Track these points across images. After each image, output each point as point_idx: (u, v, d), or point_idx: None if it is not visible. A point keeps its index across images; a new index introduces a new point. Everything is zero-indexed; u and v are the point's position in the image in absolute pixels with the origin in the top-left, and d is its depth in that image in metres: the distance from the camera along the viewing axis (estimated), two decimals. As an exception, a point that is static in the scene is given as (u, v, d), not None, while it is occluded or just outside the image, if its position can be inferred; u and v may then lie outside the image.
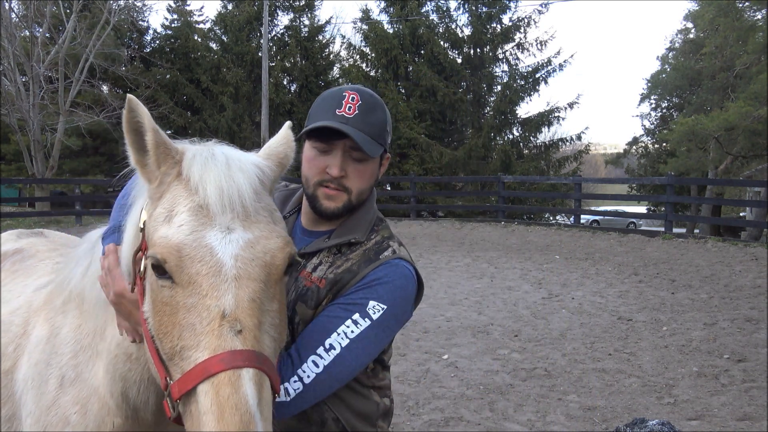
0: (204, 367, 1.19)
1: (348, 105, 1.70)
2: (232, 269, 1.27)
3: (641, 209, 36.10)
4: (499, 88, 27.87)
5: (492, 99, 27.94)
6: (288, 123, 1.66)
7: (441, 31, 27.60)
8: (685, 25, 33.75)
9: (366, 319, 1.64)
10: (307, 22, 30.54)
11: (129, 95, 1.37)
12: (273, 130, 28.99)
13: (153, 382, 1.55)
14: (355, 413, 1.78)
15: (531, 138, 28.04)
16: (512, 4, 27.20)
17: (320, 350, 1.59)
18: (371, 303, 1.65)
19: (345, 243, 1.76)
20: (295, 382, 1.56)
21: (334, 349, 1.59)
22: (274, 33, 29.90)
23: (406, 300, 1.74)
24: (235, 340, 1.21)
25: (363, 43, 28.06)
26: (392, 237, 1.83)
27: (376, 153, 1.70)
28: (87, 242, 1.79)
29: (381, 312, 1.65)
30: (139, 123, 1.39)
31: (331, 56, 31.51)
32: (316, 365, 1.57)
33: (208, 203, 1.33)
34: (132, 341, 1.51)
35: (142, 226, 1.42)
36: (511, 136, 28.04)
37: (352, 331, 1.62)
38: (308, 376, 1.57)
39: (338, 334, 1.61)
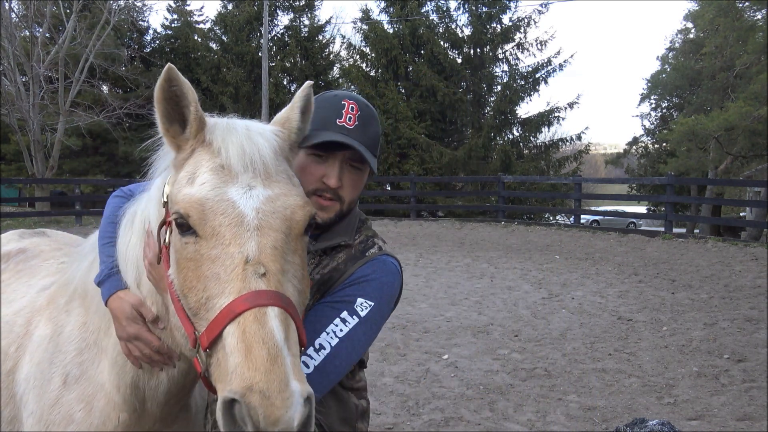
0: (229, 309, 1.20)
1: (348, 116, 1.71)
2: (254, 220, 1.31)
3: (641, 209, 36.12)
4: (499, 88, 27.87)
5: (492, 99, 27.94)
6: (307, 83, 1.66)
7: (441, 31, 27.60)
8: (685, 25, 33.79)
9: (354, 317, 1.64)
10: (307, 22, 30.55)
11: (170, 64, 1.39)
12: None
13: (166, 369, 1.57)
14: (335, 416, 1.77)
15: (531, 138, 28.04)
16: (512, 4, 27.21)
17: (310, 351, 1.56)
18: (359, 300, 1.66)
19: (333, 246, 1.78)
20: None
21: (324, 348, 1.58)
22: (274, 33, 29.90)
23: (391, 296, 1.76)
24: (259, 281, 1.24)
25: (363, 43, 28.07)
26: (376, 235, 1.87)
27: (374, 165, 1.74)
28: (89, 241, 1.80)
29: (368, 309, 1.66)
30: (177, 93, 1.41)
31: (331, 56, 31.51)
32: (306, 366, 1.54)
33: (230, 163, 1.38)
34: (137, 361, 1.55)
35: (165, 200, 1.45)
36: (511, 136, 28.04)
37: (341, 330, 1.61)
38: None
39: (327, 334, 1.60)
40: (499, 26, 27.31)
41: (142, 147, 1.67)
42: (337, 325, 1.61)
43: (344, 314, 1.63)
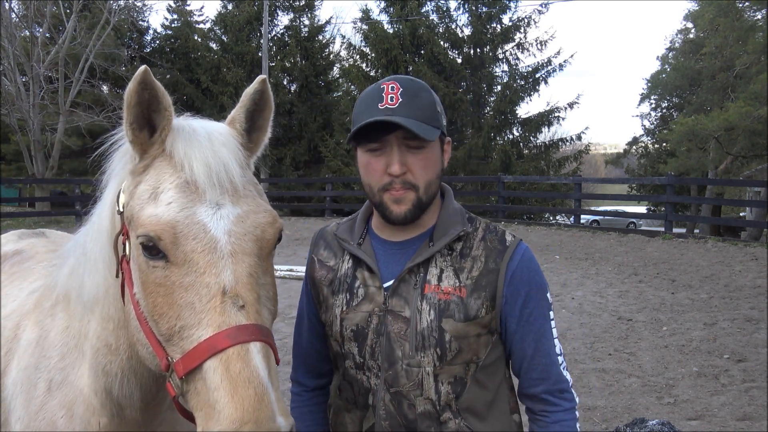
0: (210, 343, 1.18)
1: (389, 96, 1.56)
2: (227, 245, 1.27)
3: (641, 209, 36.09)
4: (499, 88, 27.83)
5: (492, 99, 27.90)
6: (260, 77, 1.56)
7: (441, 31, 27.58)
8: (685, 25, 33.77)
9: (552, 310, 1.68)
10: (307, 22, 30.55)
11: (144, 66, 1.32)
12: (273, 130, 28.91)
13: (135, 374, 1.52)
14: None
15: (531, 138, 28.02)
16: (512, 4, 27.17)
17: (562, 361, 1.65)
18: (547, 295, 1.67)
19: (455, 239, 1.62)
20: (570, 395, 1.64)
21: (560, 354, 1.67)
22: (274, 33, 29.90)
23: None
24: (239, 315, 1.22)
25: (363, 43, 28.04)
26: (491, 222, 1.75)
27: (431, 136, 1.54)
28: (71, 243, 1.74)
29: (551, 297, 1.70)
30: (150, 98, 1.35)
31: (331, 56, 31.51)
32: (568, 379, 1.66)
33: (195, 179, 1.32)
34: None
35: (121, 210, 1.39)
36: (511, 136, 28.00)
37: (554, 327, 1.68)
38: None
39: (555, 339, 1.66)
40: (499, 26, 27.29)
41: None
42: (554, 327, 1.67)
43: (550, 314, 1.66)
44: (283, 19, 30.95)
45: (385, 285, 1.62)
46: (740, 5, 25.04)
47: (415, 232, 1.66)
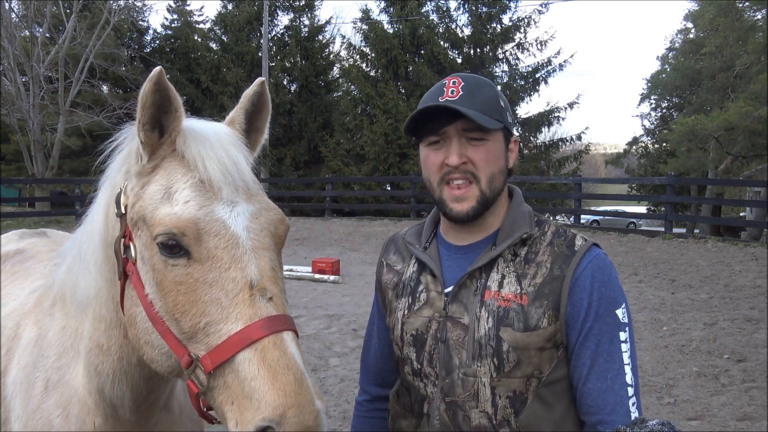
0: (244, 335, 1.20)
1: (450, 89, 1.52)
2: (247, 241, 1.30)
3: (641, 209, 36.09)
4: (499, 88, 27.77)
5: (492, 99, 27.90)
6: (258, 79, 1.59)
7: (441, 31, 27.57)
8: (685, 25, 33.77)
9: (625, 330, 1.47)
10: (307, 22, 30.53)
11: (159, 67, 1.33)
12: (273, 130, 28.97)
13: (126, 375, 1.52)
14: None
15: (531, 138, 28.02)
16: (512, 4, 27.16)
17: (630, 392, 1.44)
18: (618, 312, 1.47)
19: (517, 242, 1.53)
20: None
21: (632, 385, 1.46)
22: (274, 33, 29.90)
23: (620, 286, 1.54)
24: (269, 306, 1.25)
25: (363, 43, 28.03)
26: (563, 226, 1.64)
27: (493, 126, 1.49)
28: (71, 240, 1.74)
29: (626, 312, 1.49)
30: (162, 98, 1.35)
31: (331, 56, 31.50)
32: (638, 409, 1.45)
33: (210, 178, 1.34)
34: None
35: (123, 212, 1.39)
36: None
37: (627, 353, 1.46)
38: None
39: (627, 365, 1.45)
40: (499, 26, 27.29)
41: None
42: (625, 351, 1.45)
43: (619, 334, 1.45)
44: (283, 19, 30.96)
45: (446, 290, 1.57)
46: (740, 5, 25.04)
47: (479, 236, 1.59)
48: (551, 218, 25.18)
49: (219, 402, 1.23)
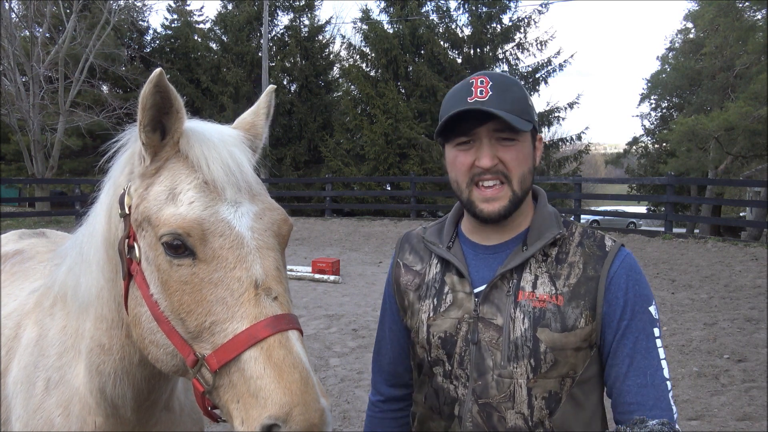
0: (249, 334, 1.21)
1: (479, 89, 1.49)
2: (252, 241, 1.31)
3: (641, 209, 36.10)
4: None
5: (492, 99, 27.88)
6: (270, 86, 1.65)
7: (441, 31, 27.58)
8: (685, 25, 33.76)
9: (657, 327, 1.49)
10: (307, 22, 30.54)
11: (159, 69, 1.33)
12: (273, 130, 28.98)
13: (127, 375, 1.53)
14: None
15: (531, 138, 28.04)
16: (512, 4, 27.16)
17: (668, 386, 1.45)
18: (651, 310, 1.49)
19: (550, 243, 1.53)
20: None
21: (668, 378, 1.46)
22: (274, 33, 29.90)
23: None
24: (274, 305, 1.26)
25: (363, 43, 28.03)
26: (589, 226, 1.65)
27: (525, 127, 1.48)
28: (71, 240, 1.75)
29: (656, 310, 1.52)
30: (166, 100, 1.36)
31: (331, 56, 31.50)
32: (672, 409, 1.46)
33: (214, 179, 1.35)
34: None
35: (126, 212, 1.40)
36: (511, 136, 28.01)
37: (661, 348, 1.48)
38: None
39: (662, 360, 1.47)
40: (499, 26, 27.30)
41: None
42: (659, 347, 1.47)
43: (654, 330, 1.48)
44: (283, 19, 30.97)
45: (476, 291, 1.55)
46: (740, 5, 25.03)
47: (507, 236, 1.58)
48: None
49: (224, 400, 1.24)
